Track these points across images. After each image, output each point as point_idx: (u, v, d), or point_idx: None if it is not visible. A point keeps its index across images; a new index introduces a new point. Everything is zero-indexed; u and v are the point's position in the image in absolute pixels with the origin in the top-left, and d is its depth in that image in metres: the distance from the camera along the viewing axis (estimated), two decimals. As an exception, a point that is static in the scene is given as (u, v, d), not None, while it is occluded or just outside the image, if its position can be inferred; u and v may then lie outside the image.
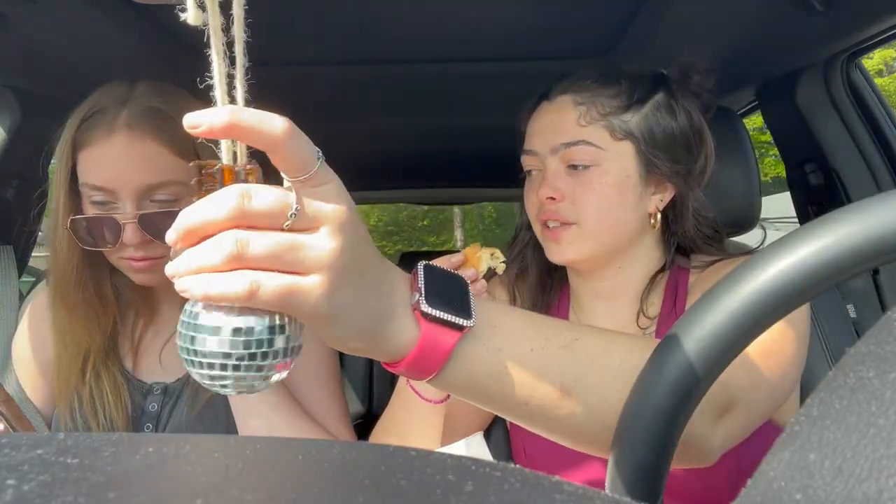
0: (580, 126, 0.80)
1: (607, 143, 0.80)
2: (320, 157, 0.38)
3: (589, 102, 0.81)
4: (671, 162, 0.82)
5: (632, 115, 0.81)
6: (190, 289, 0.36)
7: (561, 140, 0.81)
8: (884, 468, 0.18)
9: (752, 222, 1.09)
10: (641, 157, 0.81)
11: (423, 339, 0.42)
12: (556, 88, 0.85)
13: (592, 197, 0.80)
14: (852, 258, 0.32)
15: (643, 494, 0.37)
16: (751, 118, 1.61)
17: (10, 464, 0.20)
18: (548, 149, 0.83)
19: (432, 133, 1.88)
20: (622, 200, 0.81)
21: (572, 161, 0.81)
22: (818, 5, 0.91)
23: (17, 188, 1.23)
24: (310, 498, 0.19)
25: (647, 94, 0.82)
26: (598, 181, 0.80)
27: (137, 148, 0.80)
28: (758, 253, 0.36)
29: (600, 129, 0.80)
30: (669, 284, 0.87)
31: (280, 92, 1.47)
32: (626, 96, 0.81)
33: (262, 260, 0.35)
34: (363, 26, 1.10)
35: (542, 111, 0.86)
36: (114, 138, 0.79)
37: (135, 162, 0.80)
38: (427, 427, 0.81)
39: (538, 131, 0.85)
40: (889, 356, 0.22)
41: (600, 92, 0.81)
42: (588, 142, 0.80)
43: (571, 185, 0.81)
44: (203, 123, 0.35)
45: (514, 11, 1.05)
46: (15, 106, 1.17)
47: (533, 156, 0.86)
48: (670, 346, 0.37)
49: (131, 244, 0.80)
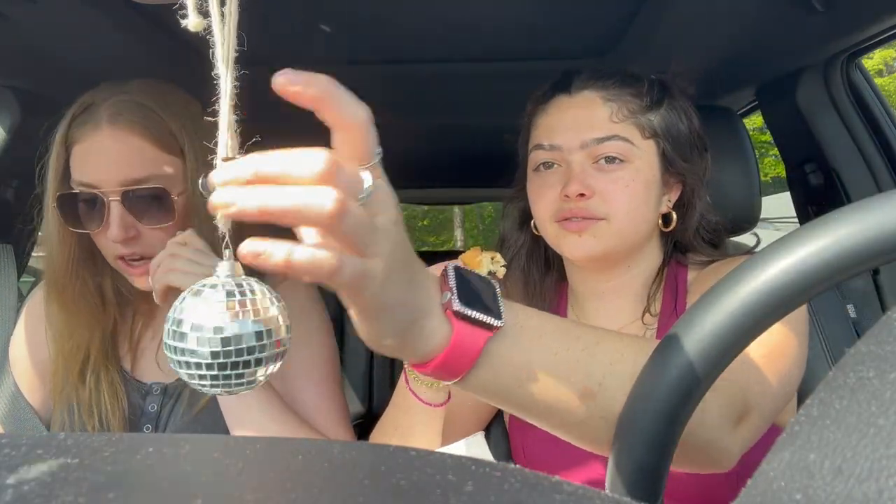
0: (613, 122, 0.80)
1: (638, 140, 0.80)
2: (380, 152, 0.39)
3: (618, 100, 0.81)
4: (686, 163, 0.83)
5: (654, 115, 0.81)
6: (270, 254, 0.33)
7: (593, 135, 0.80)
8: (884, 468, 0.18)
9: (752, 222, 1.09)
10: (663, 157, 0.82)
11: (456, 337, 0.42)
12: (576, 83, 0.84)
13: (625, 194, 0.79)
14: (852, 258, 0.32)
15: (643, 494, 0.37)
16: (751, 118, 1.60)
17: (10, 464, 0.20)
18: (576, 143, 0.81)
19: (432, 133, 1.88)
20: (647, 198, 0.81)
21: (606, 154, 0.80)
22: (818, 5, 0.91)
23: (17, 188, 1.23)
24: (310, 498, 0.19)
25: (663, 95, 0.83)
26: (630, 178, 0.79)
27: (120, 142, 0.80)
28: (758, 253, 0.36)
29: (631, 127, 0.80)
30: (668, 282, 0.87)
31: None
32: (648, 97, 0.81)
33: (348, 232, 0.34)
34: (363, 26, 1.10)
35: (563, 105, 0.84)
36: (99, 134, 0.80)
37: (118, 156, 0.80)
38: (427, 430, 0.81)
39: (562, 126, 0.83)
40: (889, 356, 0.22)
41: (625, 91, 0.81)
42: (622, 137, 0.80)
43: (602, 181, 0.79)
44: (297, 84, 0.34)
45: (513, 11, 1.05)
46: (15, 106, 1.17)
47: (555, 150, 0.83)
48: (670, 346, 0.37)
49: (116, 225, 0.80)
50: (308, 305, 0.96)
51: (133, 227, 0.82)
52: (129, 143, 0.81)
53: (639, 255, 0.86)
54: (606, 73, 0.83)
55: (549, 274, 0.96)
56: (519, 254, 0.94)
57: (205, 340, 0.36)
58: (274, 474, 0.21)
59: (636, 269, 0.87)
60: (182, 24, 0.34)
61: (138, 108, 0.82)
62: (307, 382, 0.91)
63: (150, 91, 0.85)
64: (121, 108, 0.82)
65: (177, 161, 0.84)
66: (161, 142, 0.82)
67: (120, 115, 0.81)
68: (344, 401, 0.96)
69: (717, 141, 0.97)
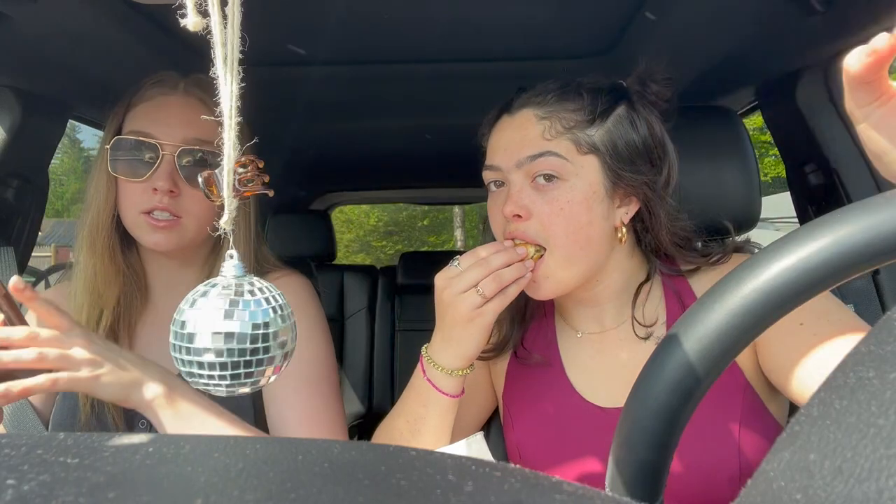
0: (545, 140, 0.79)
1: (573, 156, 0.78)
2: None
3: (552, 116, 0.79)
4: (636, 175, 0.80)
5: (595, 129, 0.79)
6: None
7: (526, 153, 0.79)
8: (884, 468, 0.18)
9: (752, 222, 1.09)
10: (607, 171, 0.79)
11: None
12: (516, 103, 0.83)
13: (561, 216, 0.77)
14: (852, 258, 0.32)
15: (643, 494, 0.37)
16: (751, 118, 1.60)
17: (10, 464, 0.20)
18: (512, 163, 0.80)
19: (433, 133, 1.88)
20: (590, 218, 0.79)
21: (539, 172, 0.78)
22: (818, 5, 0.91)
23: (17, 188, 1.23)
24: (310, 498, 0.19)
25: (609, 107, 0.80)
26: (566, 197, 0.78)
27: (191, 106, 0.91)
28: (758, 253, 0.36)
29: (566, 142, 0.79)
30: (668, 292, 0.86)
31: (281, 92, 1.48)
32: (588, 110, 0.79)
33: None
34: (364, 26, 1.10)
35: (503, 126, 0.84)
36: (173, 95, 0.91)
37: (185, 116, 0.90)
38: (441, 423, 0.82)
39: (501, 146, 0.83)
40: (889, 356, 0.22)
41: (562, 106, 0.80)
42: (554, 153, 0.78)
43: (538, 202, 0.79)
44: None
45: (514, 11, 1.05)
46: (15, 106, 1.17)
47: (495, 171, 0.83)
48: (670, 346, 0.37)
49: (166, 176, 0.87)
50: (304, 305, 0.97)
51: (177, 184, 0.88)
52: (198, 109, 0.90)
53: (604, 270, 0.85)
54: (547, 88, 0.82)
55: None
56: None
57: (210, 341, 0.36)
58: (274, 474, 0.21)
59: (608, 279, 0.86)
60: (181, 24, 0.34)
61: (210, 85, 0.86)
62: (302, 383, 0.90)
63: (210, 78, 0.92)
64: (197, 82, 0.93)
65: None
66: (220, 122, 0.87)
67: (196, 86, 0.92)
68: (340, 404, 0.95)
69: (717, 141, 0.97)
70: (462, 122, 1.80)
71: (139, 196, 0.88)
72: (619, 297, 0.87)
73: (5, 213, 1.21)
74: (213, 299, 0.38)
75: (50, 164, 1.32)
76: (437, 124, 1.80)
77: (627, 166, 0.80)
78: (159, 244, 0.89)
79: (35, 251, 1.36)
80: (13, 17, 0.92)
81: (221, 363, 0.37)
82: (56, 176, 9.06)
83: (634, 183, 0.80)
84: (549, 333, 0.94)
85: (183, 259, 0.97)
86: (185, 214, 0.89)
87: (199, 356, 0.37)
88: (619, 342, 0.87)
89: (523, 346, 0.95)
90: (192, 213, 0.89)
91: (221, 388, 0.38)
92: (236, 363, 0.37)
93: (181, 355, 0.38)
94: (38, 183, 1.27)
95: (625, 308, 0.88)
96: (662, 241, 0.85)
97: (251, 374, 0.38)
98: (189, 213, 0.89)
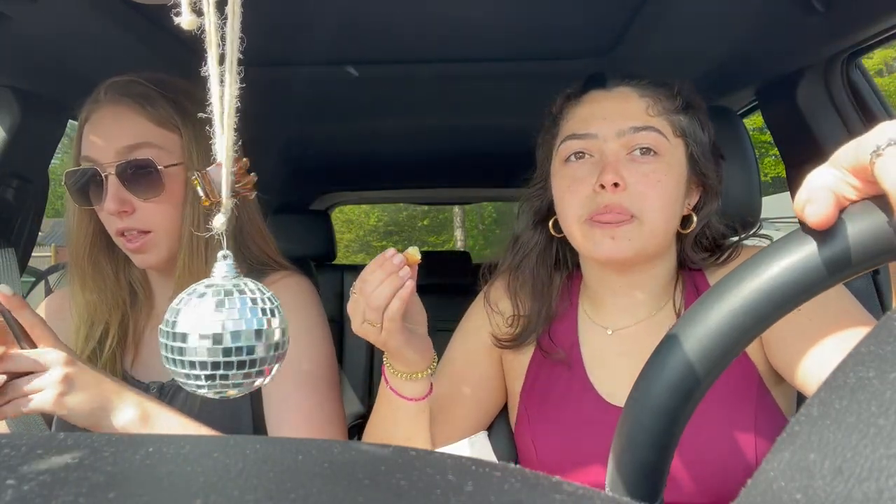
0: (649, 115, 0.81)
1: (670, 136, 0.82)
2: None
3: (652, 97, 0.83)
4: (709, 166, 0.85)
5: (683, 116, 0.84)
6: None
7: (630, 124, 0.80)
8: (884, 468, 0.18)
9: (752, 222, 1.09)
10: (689, 157, 0.83)
11: None
12: (611, 80, 0.86)
13: (657, 190, 0.79)
14: (852, 258, 0.32)
15: (643, 494, 0.37)
16: (751, 118, 1.60)
17: (10, 464, 0.20)
18: (612, 132, 0.81)
19: (432, 133, 1.88)
20: (677, 196, 0.82)
21: (639, 145, 0.80)
22: (818, 5, 0.91)
23: (17, 188, 1.23)
24: (310, 498, 0.19)
25: (689, 103, 0.85)
26: (663, 172, 0.80)
27: (115, 114, 0.87)
28: (758, 253, 0.36)
29: (665, 122, 0.82)
30: (688, 285, 0.88)
31: (281, 92, 1.48)
32: (679, 100, 0.84)
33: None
34: (364, 27, 1.10)
35: (598, 97, 0.86)
36: (98, 108, 0.87)
37: (112, 127, 0.86)
38: (415, 425, 0.82)
39: (598, 115, 0.83)
40: (889, 356, 0.22)
41: (658, 90, 0.84)
42: (657, 129, 0.80)
43: (635, 174, 0.79)
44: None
45: (514, 11, 1.05)
46: (15, 106, 1.17)
47: (589, 139, 0.82)
48: (670, 346, 0.37)
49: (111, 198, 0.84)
50: (305, 305, 0.96)
51: (128, 201, 0.85)
52: (123, 115, 0.86)
53: (662, 255, 0.86)
54: (639, 73, 0.86)
55: (558, 273, 0.96)
56: (530, 254, 0.94)
57: (200, 342, 0.36)
58: (274, 474, 0.21)
59: (654, 270, 0.87)
60: (175, 22, 0.34)
61: (133, 84, 0.87)
62: (301, 383, 0.90)
63: (147, 75, 0.90)
64: (117, 85, 0.88)
65: (172, 136, 0.88)
66: (155, 116, 0.86)
67: (115, 90, 0.88)
68: (339, 403, 0.94)
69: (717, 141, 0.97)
70: (463, 123, 1.81)
71: (107, 220, 0.87)
72: (653, 289, 0.88)
73: (5, 213, 1.21)
74: (203, 301, 0.37)
75: (50, 164, 1.32)
76: (437, 124, 1.79)
77: (704, 157, 0.84)
78: (142, 262, 0.89)
79: (35, 251, 1.36)
80: (13, 18, 0.92)
81: (212, 364, 0.37)
82: (56, 176, 9.16)
83: (707, 172, 0.85)
84: (573, 329, 0.93)
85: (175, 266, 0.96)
86: (153, 227, 0.87)
87: (189, 357, 0.37)
88: (649, 336, 0.86)
89: (549, 337, 0.93)
90: (158, 225, 0.87)
91: (213, 389, 0.38)
92: (227, 364, 0.37)
93: (171, 356, 0.37)
94: (38, 183, 1.27)
95: (653, 302, 0.88)
96: (691, 238, 0.87)
97: (241, 376, 0.38)
98: (156, 224, 0.86)
